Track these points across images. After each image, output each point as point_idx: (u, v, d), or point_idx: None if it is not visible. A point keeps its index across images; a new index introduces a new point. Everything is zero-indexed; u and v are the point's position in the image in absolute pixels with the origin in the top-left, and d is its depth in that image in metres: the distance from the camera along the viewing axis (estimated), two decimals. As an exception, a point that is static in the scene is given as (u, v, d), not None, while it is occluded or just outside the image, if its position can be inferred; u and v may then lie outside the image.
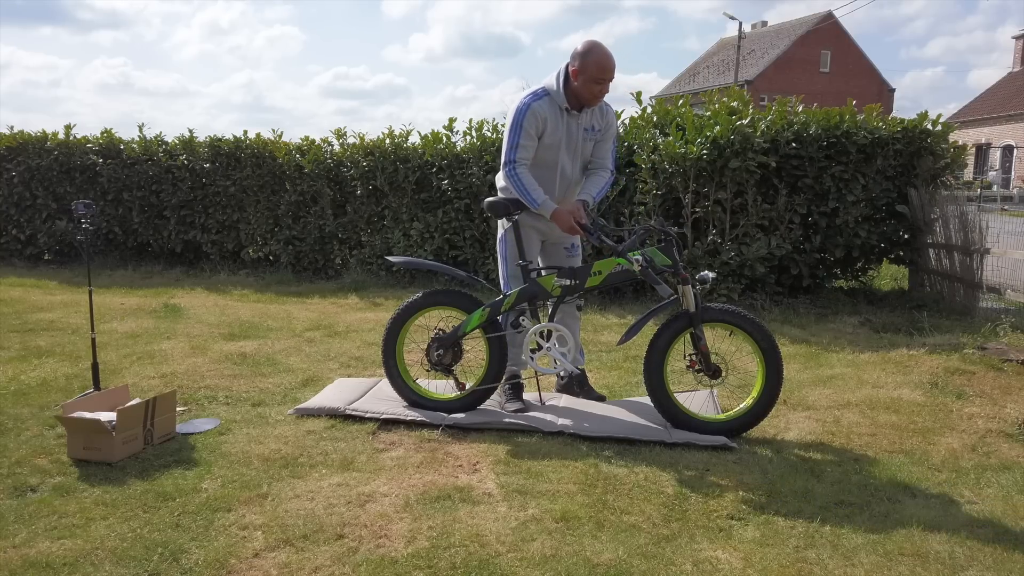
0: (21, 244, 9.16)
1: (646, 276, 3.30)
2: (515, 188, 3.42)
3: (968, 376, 4.29)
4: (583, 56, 3.32)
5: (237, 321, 5.84)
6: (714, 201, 6.24)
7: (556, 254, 3.73)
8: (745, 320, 3.30)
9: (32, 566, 2.24)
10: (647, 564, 2.29)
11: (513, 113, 3.41)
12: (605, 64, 3.32)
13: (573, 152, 3.53)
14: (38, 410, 3.63)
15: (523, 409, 3.58)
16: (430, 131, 7.64)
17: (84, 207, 3.82)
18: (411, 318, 3.63)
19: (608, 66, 3.33)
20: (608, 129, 3.59)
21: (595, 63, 3.31)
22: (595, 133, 3.55)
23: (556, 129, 3.43)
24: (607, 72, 3.33)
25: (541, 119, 3.38)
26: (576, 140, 3.50)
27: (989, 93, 36.42)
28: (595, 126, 3.53)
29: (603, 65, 3.31)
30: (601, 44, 3.34)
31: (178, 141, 8.69)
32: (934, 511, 2.65)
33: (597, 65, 3.31)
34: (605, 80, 3.35)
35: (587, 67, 3.31)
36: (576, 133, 3.49)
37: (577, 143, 3.51)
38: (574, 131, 3.48)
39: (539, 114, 3.37)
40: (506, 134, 3.44)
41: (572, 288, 3.43)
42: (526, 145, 3.39)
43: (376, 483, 2.84)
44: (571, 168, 3.56)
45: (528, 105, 3.37)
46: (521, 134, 3.38)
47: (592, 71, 3.31)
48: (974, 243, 5.80)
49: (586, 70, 3.31)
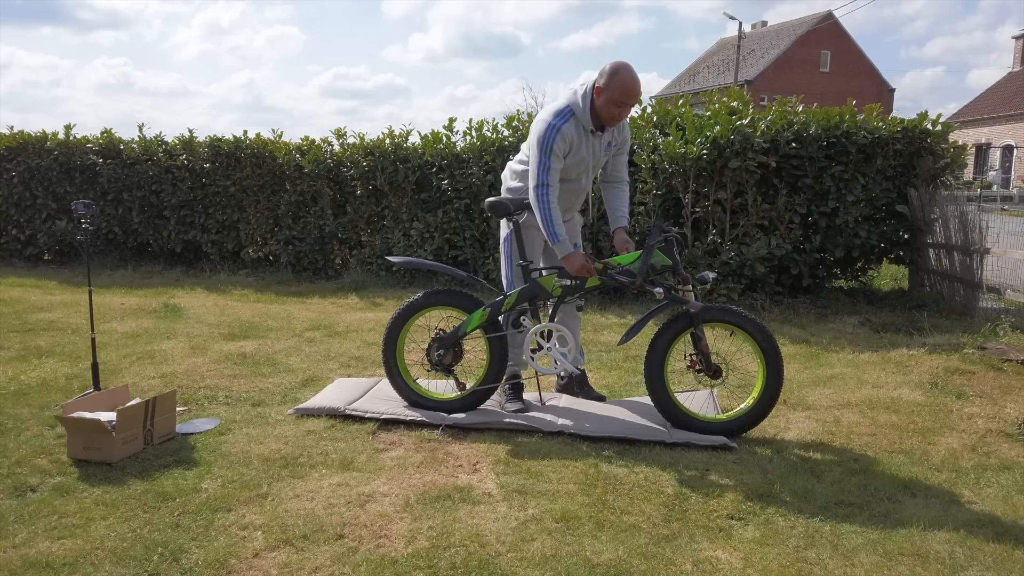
0: (21, 244, 9.16)
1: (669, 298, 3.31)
2: (541, 214, 3.33)
3: (968, 376, 4.29)
4: (611, 75, 3.28)
5: (237, 321, 5.84)
6: (714, 201, 6.24)
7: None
8: (746, 320, 3.30)
9: (32, 566, 2.24)
10: (647, 564, 2.29)
11: (542, 131, 3.33)
12: (630, 88, 3.28)
13: (594, 169, 3.57)
14: (38, 410, 3.63)
15: (523, 409, 3.58)
16: (430, 131, 7.65)
17: (84, 207, 3.82)
18: (411, 318, 3.63)
19: (633, 91, 3.28)
20: (624, 143, 3.62)
21: (620, 85, 3.26)
22: (612, 149, 3.57)
23: (580, 150, 3.41)
24: (631, 96, 3.29)
25: (568, 142, 3.36)
26: (598, 158, 3.52)
27: (989, 93, 36.42)
28: (611, 142, 3.54)
29: (628, 89, 3.27)
30: (631, 68, 3.30)
31: (178, 141, 8.69)
32: (934, 511, 2.65)
33: (622, 88, 3.27)
34: (627, 104, 3.31)
35: (612, 87, 3.27)
36: (599, 152, 3.50)
37: (599, 161, 3.54)
38: (597, 151, 3.48)
39: (567, 137, 3.34)
40: (534, 153, 3.35)
41: (573, 288, 3.43)
42: (556, 168, 3.36)
43: (376, 483, 2.84)
44: (587, 183, 3.59)
45: (557, 128, 3.32)
46: (551, 157, 3.32)
47: (615, 93, 3.27)
48: (974, 243, 5.80)
49: (610, 90, 3.27)
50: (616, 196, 3.68)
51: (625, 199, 3.67)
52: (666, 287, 3.31)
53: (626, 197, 3.68)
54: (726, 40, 44.70)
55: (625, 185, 3.69)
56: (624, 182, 3.69)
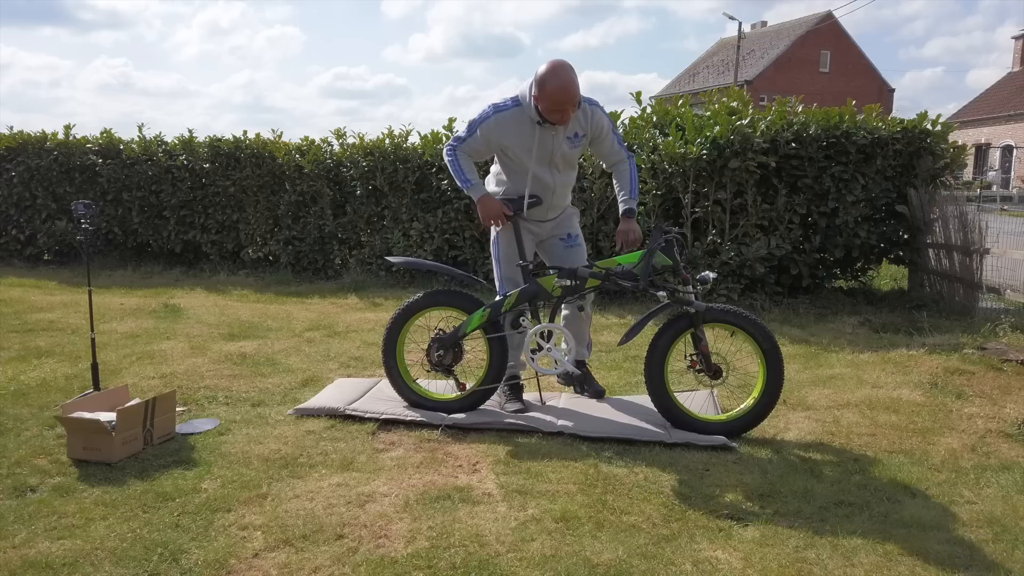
0: (21, 244, 9.15)
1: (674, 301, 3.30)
2: (451, 167, 3.48)
3: (968, 376, 4.29)
4: (540, 84, 3.20)
5: (237, 321, 5.84)
6: (714, 201, 6.24)
7: (553, 249, 3.67)
8: (747, 320, 3.30)
9: (32, 566, 2.24)
10: (647, 564, 2.29)
11: (480, 111, 3.43)
12: (559, 97, 3.17)
13: (551, 161, 3.44)
14: (38, 410, 3.63)
15: (523, 409, 3.58)
16: (430, 131, 7.65)
17: (84, 207, 3.82)
18: (411, 318, 3.63)
19: (562, 99, 3.18)
20: (599, 128, 3.46)
21: (550, 95, 3.18)
22: (581, 139, 3.45)
23: (524, 141, 3.36)
24: (561, 104, 3.19)
25: (500, 131, 3.35)
26: (553, 149, 3.40)
27: (989, 93, 36.42)
28: (578, 132, 3.42)
29: (557, 98, 3.17)
30: (561, 72, 3.18)
31: (178, 141, 8.68)
32: (934, 511, 2.65)
33: (551, 97, 3.18)
34: (562, 111, 3.23)
35: (544, 97, 3.21)
36: (552, 143, 3.38)
37: (555, 151, 3.41)
38: (548, 141, 3.37)
39: (501, 125, 3.34)
40: (466, 125, 3.47)
41: (572, 289, 3.42)
42: (475, 148, 3.45)
43: (376, 483, 2.84)
44: (551, 176, 3.47)
45: (489, 115, 3.37)
46: (476, 134, 3.41)
47: (547, 102, 3.21)
48: (974, 243, 5.80)
49: (543, 99, 3.22)
50: (618, 176, 3.58)
51: (626, 175, 3.54)
52: (669, 289, 3.31)
53: (628, 173, 3.55)
54: (726, 40, 44.71)
55: (624, 163, 3.56)
56: (623, 160, 3.57)
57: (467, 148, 3.46)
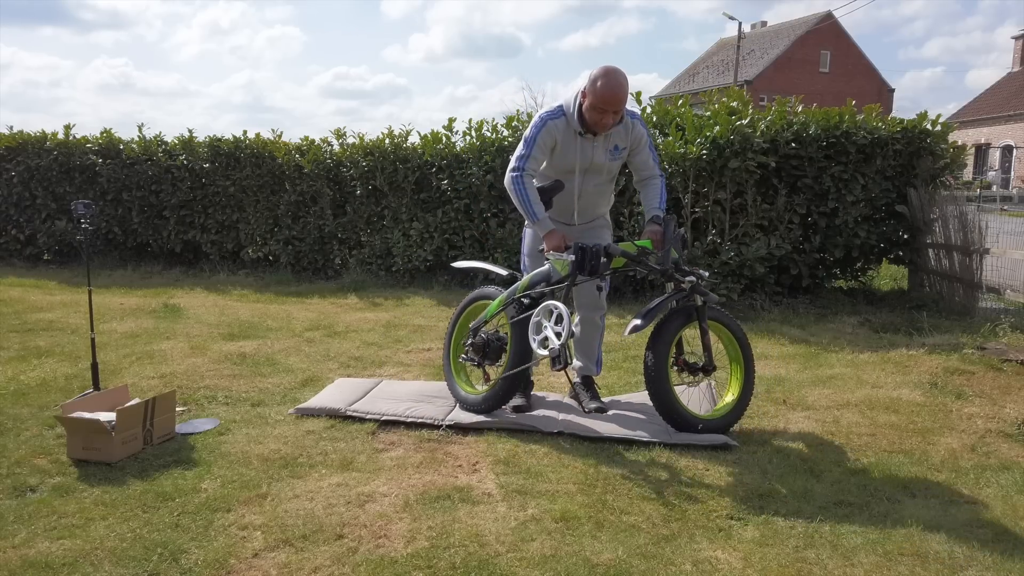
0: (21, 244, 9.16)
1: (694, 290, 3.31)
2: (517, 196, 3.38)
3: (968, 376, 4.29)
4: (593, 81, 3.26)
5: (237, 321, 5.84)
6: (714, 201, 6.24)
7: None
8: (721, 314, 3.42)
9: (32, 566, 2.24)
10: (647, 564, 2.29)
11: (532, 124, 3.42)
12: (608, 96, 3.22)
13: (592, 173, 3.49)
14: (38, 410, 3.63)
15: (524, 408, 3.58)
16: (430, 131, 7.65)
17: (84, 207, 3.82)
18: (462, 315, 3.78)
19: (610, 98, 3.23)
20: (638, 142, 3.52)
21: (599, 92, 3.23)
22: (621, 152, 3.50)
23: (569, 150, 3.40)
24: (608, 104, 3.23)
25: (554, 137, 3.37)
26: (594, 161, 3.45)
27: (988, 93, 36.41)
28: (618, 145, 3.47)
29: (606, 96, 3.23)
30: (616, 75, 3.25)
31: (178, 141, 8.69)
32: (934, 511, 2.65)
33: (600, 95, 3.23)
34: (606, 111, 3.26)
35: (592, 93, 3.25)
36: (593, 154, 3.43)
37: (595, 163, 3.46)
38: (589, 153, 3.42)
39: (553, 132, 3.37)
40: (520, 143, 3.43)
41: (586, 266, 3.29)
42: (536, 157, 3.40)
43: (376, 483, 2.84)
44: (591, 187, 3.53)
45: (544, 121, 3.37)
46: (534, 147, 3.37)
47: (594, 99, 3.25)
48: (973, 243, 5.80)
49: (591, 95, 3.26)
50: (646, 191, 3.61)
51: (655, 192, 3.58)
52: (698, 275, 3.32)
53: (656, 190, 3.58)
54: (726, 40, 44.70)
55: (655, 180, 3.60)
56: (654, 177, 3.61)
57: (531, 168, 3.40)
